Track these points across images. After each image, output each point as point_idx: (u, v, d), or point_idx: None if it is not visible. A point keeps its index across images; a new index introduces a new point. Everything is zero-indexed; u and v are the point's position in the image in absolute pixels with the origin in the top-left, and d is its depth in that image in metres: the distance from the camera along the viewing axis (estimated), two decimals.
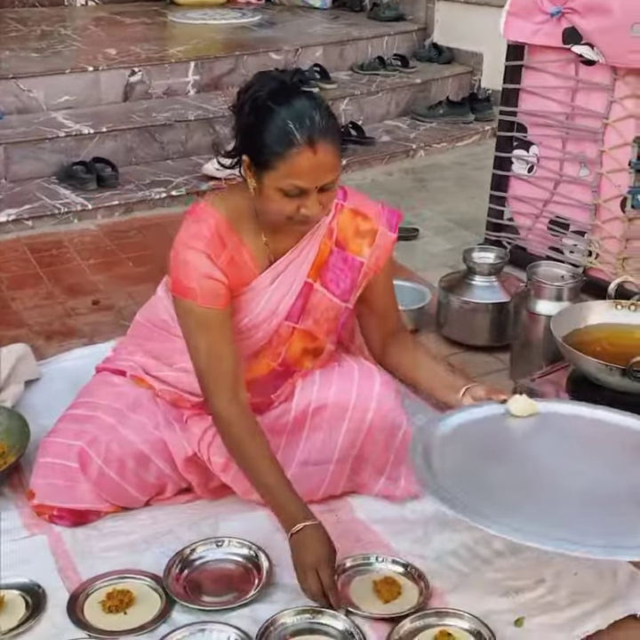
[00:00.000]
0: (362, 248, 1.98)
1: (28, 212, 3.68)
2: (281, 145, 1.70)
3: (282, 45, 5.09)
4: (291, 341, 1.99)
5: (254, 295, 1.93)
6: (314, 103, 1.74)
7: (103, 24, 5.81)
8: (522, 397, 1.93)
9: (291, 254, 1.93)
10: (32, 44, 5.00)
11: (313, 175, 1.72)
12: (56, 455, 1.98)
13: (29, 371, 2.54)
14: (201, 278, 1.82)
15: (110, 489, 1.99)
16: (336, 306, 2.00)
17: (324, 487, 2.05)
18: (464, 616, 1.74)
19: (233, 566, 1.89)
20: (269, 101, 1.71)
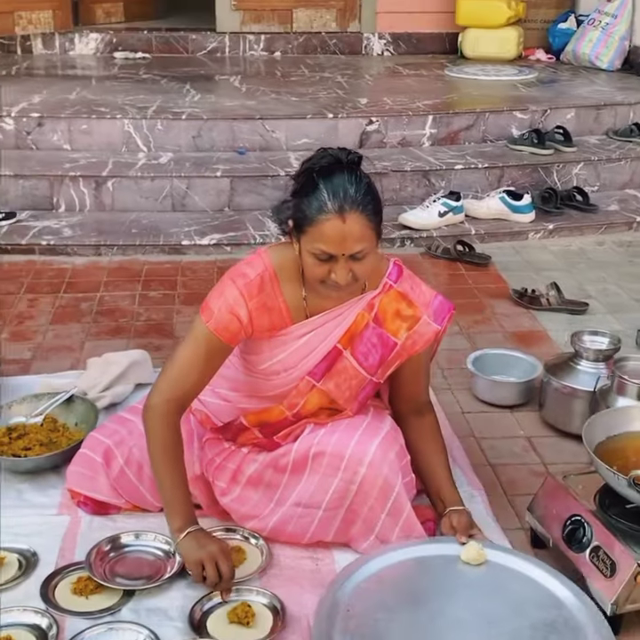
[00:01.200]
0: (399, 330, 2.09)
1: (230, 239, 4.08)
2: (314, 212, 1.87)
3: (530, 105, 5.06)
4: (308, 397, 2.11)
5: (281, 344, 2.08)
6: (354, 179, 1.89)
7: (380, 74, 6.17)
8: (474, 544, 2.00)
9: (327, 314, 2.07)
10: (300, 89, 5.47)
11: (340, 242, 1.86)
12: (89, 447, 2.26)
13: (144, 375, 2.86)
14: (223, 307, 2.00)
15: (128, 489, 2.23)
16: (360, 376, 2.10)
17: (311, 532, 2.11)
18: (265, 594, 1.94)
19: (151, 557, 2.10)
20: (315, 174, 1.90)
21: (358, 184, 1.89)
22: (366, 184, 1.91)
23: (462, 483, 2.39)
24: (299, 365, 2.09)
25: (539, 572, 1.96)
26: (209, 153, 4.67)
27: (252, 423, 2.16)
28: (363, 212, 1.87)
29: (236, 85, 5.64)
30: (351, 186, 1.87)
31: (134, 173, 4.36)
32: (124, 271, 3.85)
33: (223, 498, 2.16)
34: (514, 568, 1.97)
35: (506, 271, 3.91)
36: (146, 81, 5.70)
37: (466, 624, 1.84)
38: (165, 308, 3.50)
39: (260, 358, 2.11)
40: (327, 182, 1.87)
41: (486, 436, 2.68)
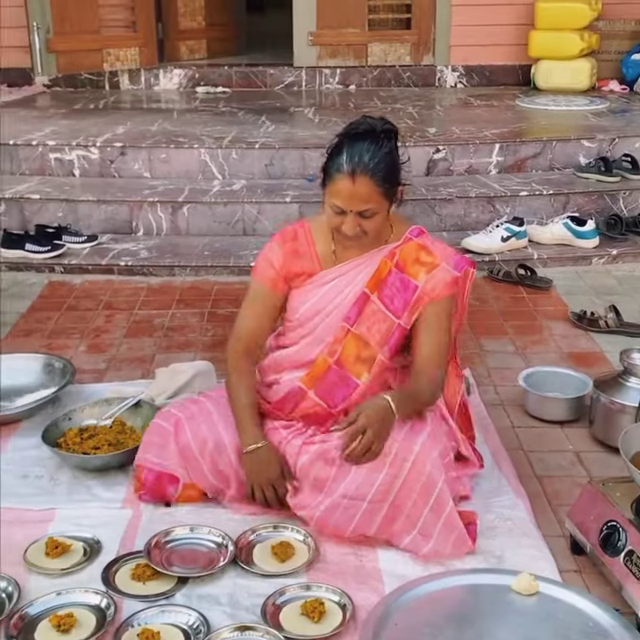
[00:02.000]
0: (419, 273, 2.29)
1: None
2: (333, 170, 2.19)
3: (597, 134, 5.10)
4: (345, 342, 2.30)
5: (312, 289, 2.37)
6: (373, 147, 2.17)
7: (451, 105, 6.29)
8: (525, 575, 2.06)
9: (352, 262, 2.34)
10: None
11: (348, 200, 2.17)
12: (161, 418, 2.44)
13: (208, 385, 3.01)
14: (262, 258, 2.41)
15: (190, 460, 2.36)
16: (388, 319, 2.29)
17: (354, 524, 2.22)
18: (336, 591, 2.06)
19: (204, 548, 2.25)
20: (345, 137, 2.21)
21: (375, 152, 2.16)
22: (384, 154, 2.18)
23: (507, 491, 2.47)
24: (328, 307, 2.33)
25: (588, 604, 2.00)
26: (280, 180, 4.86)
27: (307, 384, 2.32)
28: (372, 178, 2.15)
29: (309, 117, 5.84)
30: (367, 153, 2.15)
31: (208, 199, 4.58)
32: (196, 290, 4.05)
33: None
34: (564, 599, 2.02)
35: (567, 295, 3.96)
36: (224, 113, 5.95)
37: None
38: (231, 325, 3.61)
39: (296, 306, 2.38)
40: (350, 146, 2.17)
41: (535, 449, 2.75)
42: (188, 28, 7.31)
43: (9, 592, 2.08)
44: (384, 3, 6.96)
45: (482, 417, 2.84)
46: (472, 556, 2.21)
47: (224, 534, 2.26)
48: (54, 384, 3.00)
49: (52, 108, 6.05)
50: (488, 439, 2.73)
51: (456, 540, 2.18)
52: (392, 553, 2.23)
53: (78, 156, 4.94)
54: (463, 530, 2.19)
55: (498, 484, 2.52)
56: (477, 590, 2.09)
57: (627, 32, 6.80)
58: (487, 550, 2.24)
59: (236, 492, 2.37)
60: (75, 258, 4.30)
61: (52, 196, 4.62)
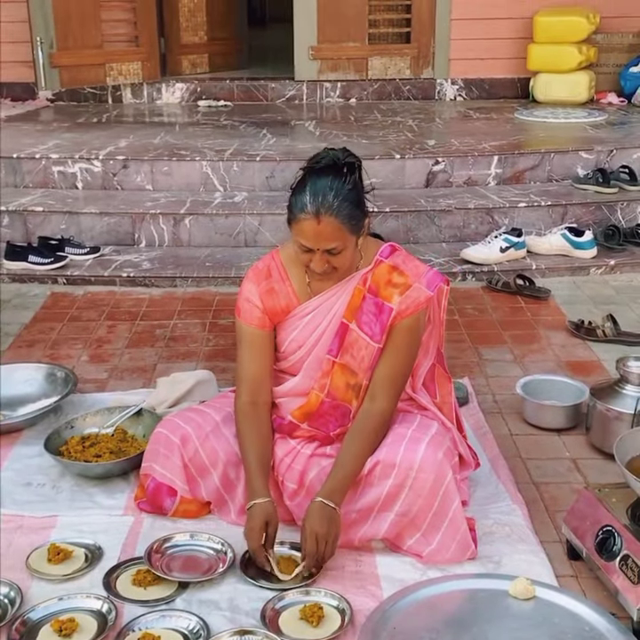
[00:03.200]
0: (392, 296, 2.28)
1: None
2: (297, 210, 2.14)
3: (595, 145, 5.15)
4: (332, 374, 2.31)
5: (292, 323, 2.36)
6: (337, 184, 2.12)
7: (451, 118, 6.33)
8: (522, 580, 2.08)
9: (326, 293, 2.33)
10: (371, 133, 5.67)
11: (314, 239, 2.14)
12: (166, 428, 2.43)
13: (209, 393, 3.03)
14: (244, 300, 2.37)
15: (201, 468, 2.37)
16: (369, 346, 2.29)
17: (362, 533, 2.25)
18: (335, 596, 2.07)
19: (204, 555, 2.27)
20: (307, 173, 2.17)
21: (339, 190, 2.11)
22: (348, 191, 2.13)
23: (505, 497, 2.50)
24: (309, 340, 2.34)
25: (584, 608, 2.02)
26: (281, 192, 4.89)
27: (299, 419, 2.34)
28: (337, 217, 2.11)
29: (310, 130, 5.89)
30: (331, 191, 2.11)
31: (210, 211, 4.62)
32: (197, 301, 4.08)
33: (290, 500, 2.32)
34: (560, 604, 2.05)
35: (565, 305, 3.99)
36: (226, 126, 6.00)
37: None
38: (233, 335, 3.63)
39: (280, 341, 2.39)
40: (313, 184, 2.12)
41: (532, 456, 2.77)
42: (190, 42, 7.37)
43: (11, 597, 2.10)
44: (384, 17, 7.02)
45: (480, 425, 2.87)
46: (470, 562, 2.24)
47: (223, 541, 2.29)
48: (56, 393, 3.03)
49: (56, 122, 6.11)
50: (486, 447, 2.76)
51: (459, 542, 2.21)
52: (390, 558, 2.26)
53: (81, 169, 4.99)
54: (467, 531, 2.22)
55: (495, 490, 2.54)
56: (475, 595, 2.12)
57: (624, 45, 6.85)
58: (485, 556, 2.26)
59: (239, 509, 2.38)
60: (77, 269, 4.34)
61: (54, 208, 4.67)
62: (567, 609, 2.04)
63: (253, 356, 2.38)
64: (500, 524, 2.38)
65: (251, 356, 2.38)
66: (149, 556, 2.22)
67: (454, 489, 2.21)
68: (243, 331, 2.39)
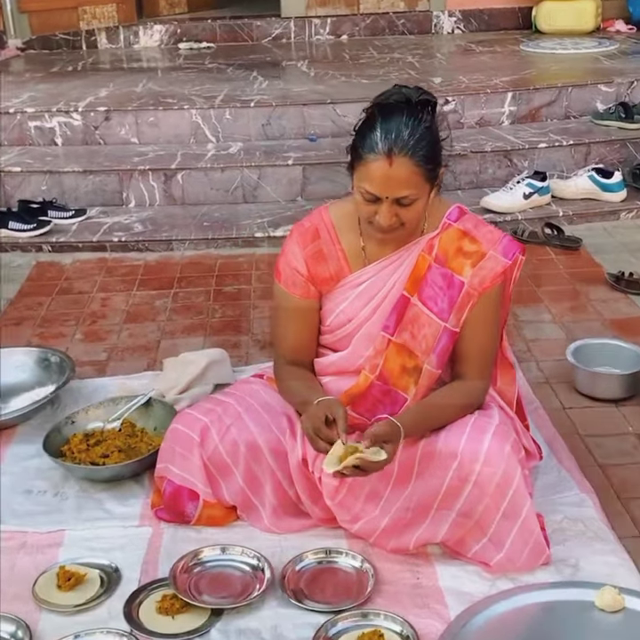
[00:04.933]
0: (463, 267, 1.97)
1: None
2: (365, 149, 1.83)
3: (615, 77, 4.78)
4: (387, 354, 2.00)
5: (342, 293, 2.05)
6: (412, 122, 1.82)
7: (452, 53, 5.95)
8: (609, 590, 1.81)
9: (385, 261, 2.01)
10: (371, 72, 5.28)
11: (384, 185, 1.81)
12: (184, 424, 2.11)
13: (222, 375, 2.73)
14: (286, 264, 2.05)
15: (220, 469, 2.07)
16: (434, 323, 1.98)
17: (417, 536, 1.96)
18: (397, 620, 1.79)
19: (238, 572, 1.97)
20: (377, 110, 1.85)
21: (415, 127, 1.82)
22: (425, 128, 1.84)
23: (571, 486, 2.20)
24: (361, 313, 2.03)
25: None
26: (279, 141, 4.53)
27: (345, 402, 2.01)
28: (412, 157, 1.80)
29: (303, 70, 5.48)
30: (406, 128, 1.81)
31: (204, 165, 4.24)
32: (197, 266, 3.73)
33: (332, 499, 2.00)
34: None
35: (599, 254, 3.67)
36: (211, 70, 5.58)
37: None
38: (241, 304, 3.37)
39: (326, 312, 2.08)
40: (384, 121, 1.82)
41: (591, 433, 2.48)
42: None
43: (19, 638, 1.80)
44: None
45: (530, 400, 2.56)
46: (543, 567, 1.95)
47: (259, 555, 1.99)
48: (52, 381, 2.69)
49: (28, 73, 5.66)
50: (540, 425, 2.45)
51: (533, 547, 1.92)
52: (453, 568, 1.96)
53: (60, 123, 4.58)
54: (541, 535, 1.93)
55: (558, 477, 2.25)
56: (556, 608, 1.83)
57: None
58: (559, 559, 1.97)
59: (271, 512, 2.09)
60: (63, 235, 3.96)
61: (34, 167, 4.27)
62: None
63: (295, 327, 2.09)
64: (572, 519, 2.09)
65: (291, 327, 2.09)
66: (175, 577, 1.92)
67: (524, 486, 1.91)
68: (283, 298, 2.08)
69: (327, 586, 1.94)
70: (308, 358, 2.12)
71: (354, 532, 2.01)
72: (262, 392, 2.19)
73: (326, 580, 1.95)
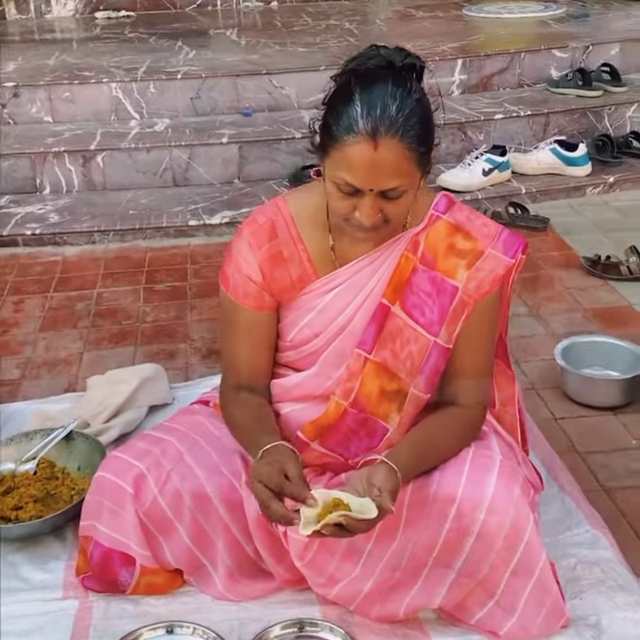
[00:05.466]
0: (456, 269, 1.60)
1: (244, 216, 3.49)
2: (340, 129, 1.44)
3: (569, 42, 4.46)
4: (363, 376, 1.62)
5: (307, 302, 1.67)
6: (400, 92, 1.43)
7: (393, 18, 5.59)
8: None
9: (359, 263, 1.63)
10: (307, 39, 4.88)
11: (367, 174, 1.44)
12: (113, 472, 1.70)
13: (158, 395, 2.34)
14: (235, 270, 1.66)
15: (161, 525, 1.68)
16: (421, 338, 1.61)
17: (409, 600, 1.60)
18: None
19: None
20: (355, 78, 1.46)
21: (404, 100, 1.43)
22: (415, 101, 1.45)
23: (580, 521, 1.87)
24: (331, 326, 1.65)
25: None
26: (210, 117, 4.11)
27: (310, 435, 1.65)
28: (403, 139, 1.42)
29: (233, 39, 5.04)
30: (394, 102, 1.43)
31: (127, 145, 3.80)
32: (124, 261, 3.30)
33: (300, 560, 1.62)
34: None
35: (568, 235, 3.36)
36: (132, 40, 5.10)
37: None
38: (176, 304, 2.95)
39: (287, 325, 1.70)
40: (364, 92, 1.44)
41: (592, 449, 2.16)
42: None
43: None
44: None
45: None
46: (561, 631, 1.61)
47: (216, 635, 1.60)
48: None
49: None
50: (532, 442, 2.11)
51: (550, 609, 1.57)
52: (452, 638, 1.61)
53: None
54: (559, 595, 1.58)
55: (562, 508, 1.91)
56: None
57: None
58: (577, 617, 1.63)
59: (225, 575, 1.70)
60: None
61: None
62: None
63: (246, 345, 1.69)
64: (586, 564, 1.75)
65: (242, 344, 1.69)
66: None
67: (538, 537, 1.56)
68: (231, 310, 1.69)
69: None
70: (263, 382, 1.73)
71: (331, 598, 1.64)
72: (209, 424, 1.79)
73: None
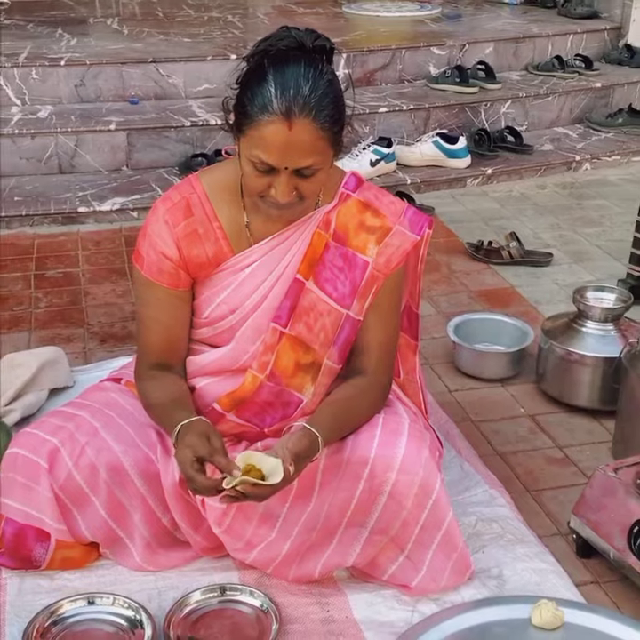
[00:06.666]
0: (367, 245, 1.67)
1: (135, 203, 3.50)
2: (254, 108, 1.48)
3: (446, 40, 4.64)
4: (279, 349, 1.67)
5: (223, 279, 1.70)
6: (312, 73, 1.48)
7: (275, 13, 5.62)
8: (547, 604, 1.58)
9: (273, 239, 1.68)
10: (191, 30, 4.86)
11: (282, 152, 1.49)
12: (26, 447, 1.69)
13: (58, 378, 2.31)
14: (149, 247, 1.68)
15: (76, 498, 1.68)
16: (333, 311, 1.68)
17: (324, 560, 1.66)
18: None
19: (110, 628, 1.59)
20: (267, 59, 1.50)
21: (316, 81, 1.49)
22: (327, 82, 1.51)
23: (478, 481, 1.99)
24: (247, 302, 1.69)
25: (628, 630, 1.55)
26: (95, 104, 4.05)
27: (226, 407, 1.69)
28: (316, 119, 1.48)
29: (115, 28, 4.97)
30: (307, 83, 1.48)
31: (10, 130, 3.70)
32: (11, 248, 3.23)
33: (219, 526, 1.66)
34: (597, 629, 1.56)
35: (452, 223, 3.51)
36: (9, 27, 4.94)
37: None
38: (69, 290, 2.92)
39: (202, 302, 1.73)
40: (278, 73, 1.48)
41: (484, 418, 2.28)
42: None
43: None
44: None
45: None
46: (467, 582, 1.71)
47: (136, 604, 1.61)
48: None
49: None
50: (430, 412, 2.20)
51: (456, 562, 1.67)
52: (367, 595, 1.68)
53: None
54: (465, 548, 1.68)
55: (462, 471, 2.02)
56: (490, 632, 1.58)
57: None
58: (481, 569, 1.74)
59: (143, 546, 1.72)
60: None
61: None
62: (608, 634, 1.56)
63: (161, 323, 1.70)
64: (486, 521, 1.86)
65: (157, 322, 1.70)
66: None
67: (446, 494, 1.65)
68: (146, 288, 1.70)
69: (223, 632, 1.60)
70: (178, 359, 1.75)
71: (249, 562, 1.69)
72: (122, 401, 1.80)
73: (221, 625, 1.62)
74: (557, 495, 1.99)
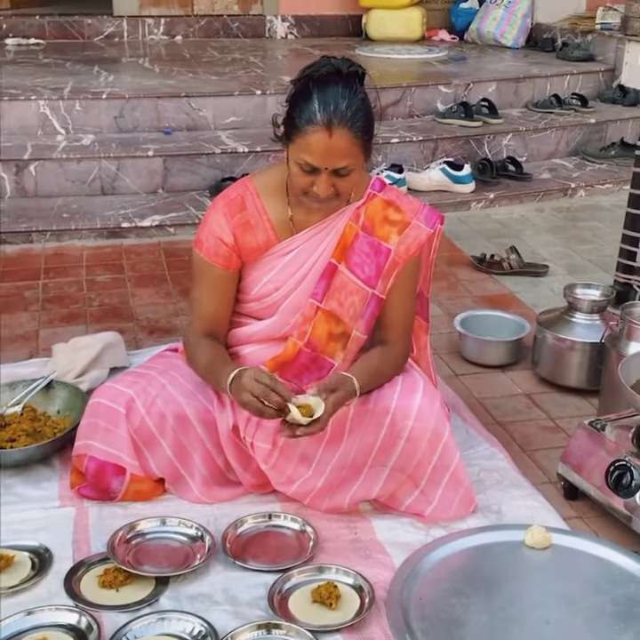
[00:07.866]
0: (389, 235, 2.03)
1: (172, 220, 3.88)
2: (303, 121, 1.84)
3: (453, 79, 5.06)
4: (315, 321, 2.03)
5: (269, 262, 2.05)
6: (348, 92, 1.85)
7: (293, 55, 6.07)
8: (538, 528, 1.93)
9: (313, 229, 2.03)
10: (217, 69, 5.29)
11: (324, 156, 1.83)
12: (107, 397, 2.05)
13: (117, 358, 2.66)
14: (209, 234, 2.03)
15: (147, 440, 2.03)
16: (361, 290, 2.03)
17: (352, 494, 2.00)
18: (349, 573, 1.83)
19: (177, 543, 1.93)
20: (311, 82, 1.85)
21: (351, 98, 1.85)
22: (360, 100, 1.87)
23: (481, 442, 2.33)
24: (289, 281, 2.05)
25: (605, 550, 1.90)
26: (133, 134, 4.45)
27: (271, 369, 2.03)
28: (351, 129, 1.83)
29: (147, 66, 5.41)
30: (343, 100, 1.83)
31: (58, 155, 4.10)
32: (63, 257, 3.60)
33: (265, 463, 2.01)
34: (580, 549, 1.91)
35: (458, 240, 3.88)
36: (49, 64, 5.39)
37: (545, 605, 1.76)
38: (118, 292, 3.28)
39: (251, 282, 2.07)
40: (320, 93, 1.84)
41: (486, 396, 2.63)
42: None
43: None
44: None
45: None
46: (471, 515, 2.05)
47: (197, 525, 1.95)
48: None
49: None
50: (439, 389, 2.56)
51: (462, 496, 2.01)
52: (388, 522, 2.02)
53: None
54: (470, 485, 2.02)
55: (467, 434, 2.36)
56: (491, 550, 1.93)
57: None
58: (483, 506, 2.08)
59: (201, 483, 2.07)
60: None
61: None
62: (590, 553, 1.90)
63: (213, 297, 2.06)
64: (487, 471, 2.21)
65: (210, 296, 2.06)
66: (114, 550, 1.86)
67: (453, 440, 2.00)
68: (203, 268, 2.05)
69: (269, 548, 1.94)
70: (223, 331, 2.11)
71: (290, 494, 2.03)
72: (182, 365, 2.16)
73: (268, 543, 1.96)
74: (548, 454, 2.32)
